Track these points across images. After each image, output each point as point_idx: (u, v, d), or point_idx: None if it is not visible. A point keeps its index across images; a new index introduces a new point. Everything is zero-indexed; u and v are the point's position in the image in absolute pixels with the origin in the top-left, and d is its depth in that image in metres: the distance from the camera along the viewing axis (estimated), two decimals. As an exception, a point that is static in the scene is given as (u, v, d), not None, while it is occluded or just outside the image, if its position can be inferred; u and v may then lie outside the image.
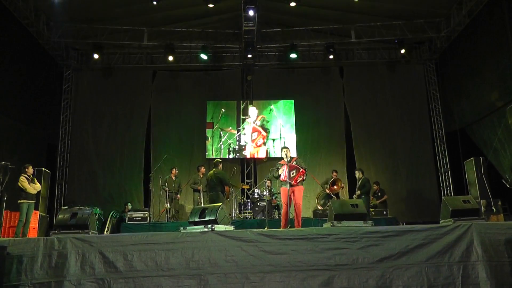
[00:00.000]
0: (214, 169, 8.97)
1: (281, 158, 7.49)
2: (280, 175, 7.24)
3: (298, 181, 7.14)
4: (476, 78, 10.91)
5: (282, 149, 7.58)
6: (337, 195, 10.73)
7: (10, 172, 7.85)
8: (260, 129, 12.64)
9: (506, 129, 9.67)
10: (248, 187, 12.04)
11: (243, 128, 12.60)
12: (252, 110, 12.75)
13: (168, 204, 10.20)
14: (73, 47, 12.63)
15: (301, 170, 7.19)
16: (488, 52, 10.36)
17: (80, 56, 12.90)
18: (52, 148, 12.38)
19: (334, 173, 10.85)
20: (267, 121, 12.71)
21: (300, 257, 4.99)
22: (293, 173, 7.16)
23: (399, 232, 5.18)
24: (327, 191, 10.59)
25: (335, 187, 10.55)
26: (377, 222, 8.46)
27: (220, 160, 9.48)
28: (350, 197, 11.23)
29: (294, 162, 7.24)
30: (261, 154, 12.52)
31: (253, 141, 12.56)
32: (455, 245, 5.07)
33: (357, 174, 9.77)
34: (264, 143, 12.57)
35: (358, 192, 9.51)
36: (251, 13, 10.49)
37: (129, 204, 11.32)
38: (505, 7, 9.47)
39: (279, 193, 8.72)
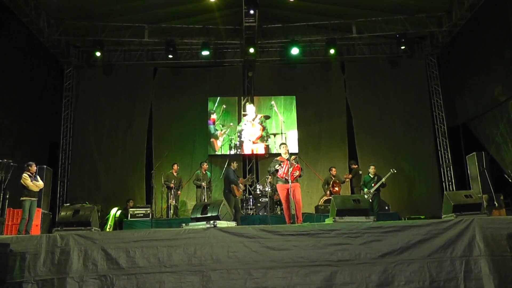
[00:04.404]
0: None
1: (280, 154, 7.48)
2: (277, 171, 7.22)
3: (294, 176, 7.12)
4: (478, 73, 10.86)
5: (280, 145, 7.56)
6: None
7: (12, 169, 7.88)
8: (258, 125, 12.60)
9: (509, 123, 9.65)
10: (250, 182, 12.04)
11: (241, 126, 12.58)
12: (250, 108, 12.70)
13: (173, 201, 10.23)
14: (73, 44, 12.59)
15: (297, 165, 7.17)
16: (490, 46, 10.30)
17: (81, 53, 12.87)
18: (54, 145, 12.39)
19: (333, 170, 10.77)
20: (268, 118, 12.65)
21: (303, 253, 5.01)
22: (296, 172, 7.14)
23: (401, 227, 5.19)
24: (328, 196, 10.48)
25: (337, 188, 10.49)
26: (379, 217, 8.50)
27: (233, 160, 9.68)
28: (352, 192, 11.27)
29: (294, 161, 7.21)
30: (260, 150, 12.50)
31: (256, 138, 12.52)
32: (457, 240, 5.07)
33: (372, 170, 9.49)
34: (264, 139, 12.53)
35: (374, 188, 9.24)
36: (251, 10, 10.49)
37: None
38: (507, 1, 9.41)
39: None
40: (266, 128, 12.61)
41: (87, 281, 4.91)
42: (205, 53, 12.09)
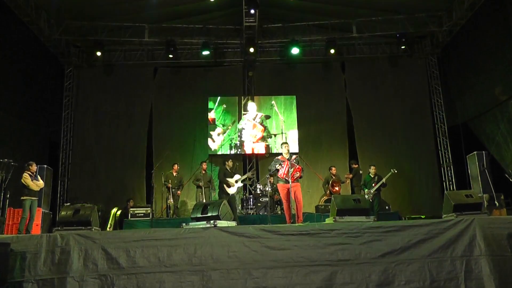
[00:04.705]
0: None
1: (281, 154, 7.48)
2: (278, 170, 7.22)
3: (295, 177, 7.12)
4: (479, 72, 10.86)
5: (282, 144, 7.57)
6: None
7: (12, 169, 7.89)
8: (259, 125, 12.58)
9: (509, 123, 9.64)
10: (249, 182, 12.03)
11: (241, 124, 12.56)
12: (251, 106, 12.68)
13: (172, 200, 10.24)
14: (74, 44, 12.58)
15: (298, 166, 7.18)
16: (491, 46, 10.30)
17: (81, 53, 12.85)
18: (54, 145, 12.39)
19: (333, 169, 10.74)
20: (269, 118, 12.64)
21: (303, 252, 5.00)
22: (296, 174, 7.14)
23: (402, 227, 5.19)
24: (328, 196, 10.47)
25: (337, 188, 10.48)
26: (379, 217, 8.51)
27: (229, 158, 9.76)
28: (352, 191, 11.26)
29: (294, 161, 7.21)
30: (261, 150, 12.49)
31: (256, 139, 12.49)
32: (458, 239, 5.07)
33: (373, 170, 9.56)
34: (265, 139, 12.52)
35: (374, 188, 9.30)
36: (252, 10, 10.51)
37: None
38: (507, 0, 9.41)
39: None
40: (267, 128, 12.60)
41: (87, 280, 4.91)
42: (205, 53, 12.09)
